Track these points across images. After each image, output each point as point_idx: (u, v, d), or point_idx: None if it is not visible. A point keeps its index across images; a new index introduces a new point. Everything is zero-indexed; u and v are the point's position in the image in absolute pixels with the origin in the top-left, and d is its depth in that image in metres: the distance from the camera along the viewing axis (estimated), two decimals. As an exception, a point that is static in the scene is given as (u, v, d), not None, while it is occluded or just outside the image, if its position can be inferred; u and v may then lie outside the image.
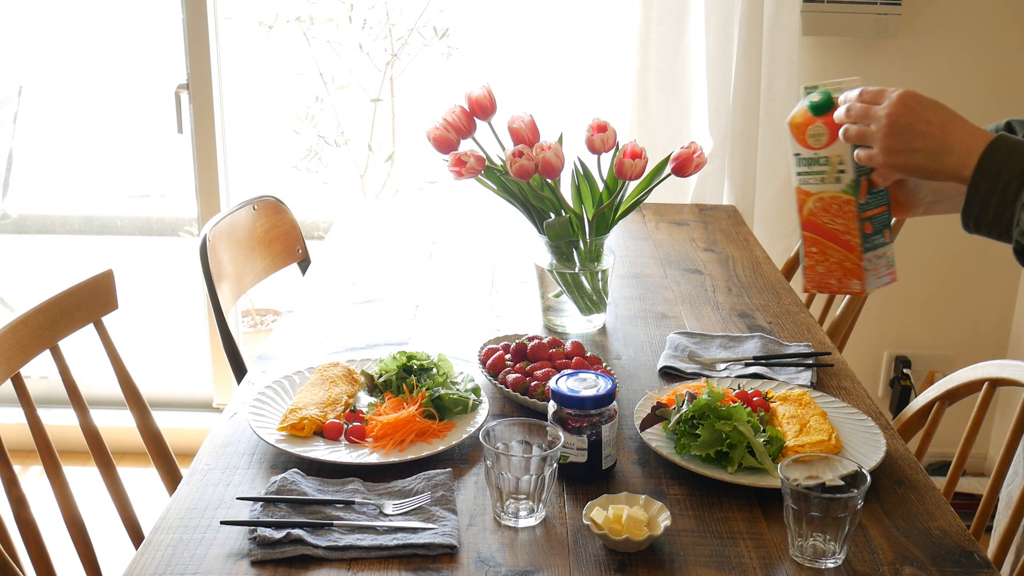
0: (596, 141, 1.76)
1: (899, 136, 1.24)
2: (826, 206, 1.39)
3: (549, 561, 1.22)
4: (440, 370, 1.58)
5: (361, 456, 1.40)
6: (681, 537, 1.27)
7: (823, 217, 1.40)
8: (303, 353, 1.76)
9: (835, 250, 1.40)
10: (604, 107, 2.74)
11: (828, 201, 1.39)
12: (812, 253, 1.43)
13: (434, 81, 3.41)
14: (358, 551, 1.21)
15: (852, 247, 1.39)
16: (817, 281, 1.44)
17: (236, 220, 2.23)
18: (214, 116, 3.02)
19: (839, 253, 1.40)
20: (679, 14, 2.70)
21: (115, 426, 2.62)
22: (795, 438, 1.42)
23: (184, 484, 1.37)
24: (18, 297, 3.71)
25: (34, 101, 3.90)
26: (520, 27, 2.81)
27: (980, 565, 1.22)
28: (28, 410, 1.53)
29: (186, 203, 3.32)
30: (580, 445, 1.35)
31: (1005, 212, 1.18)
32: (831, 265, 1.42)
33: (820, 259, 1.42)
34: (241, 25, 3.36)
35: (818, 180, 1.38)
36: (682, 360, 1.72)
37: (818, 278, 1.44)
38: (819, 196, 1.39)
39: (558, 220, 1.77)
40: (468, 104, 1.79)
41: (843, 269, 1.41)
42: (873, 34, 2.74)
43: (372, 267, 2.18)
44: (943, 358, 3.05)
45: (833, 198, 1.38)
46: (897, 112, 1.24)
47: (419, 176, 3.51)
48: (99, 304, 1.72)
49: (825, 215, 1.40)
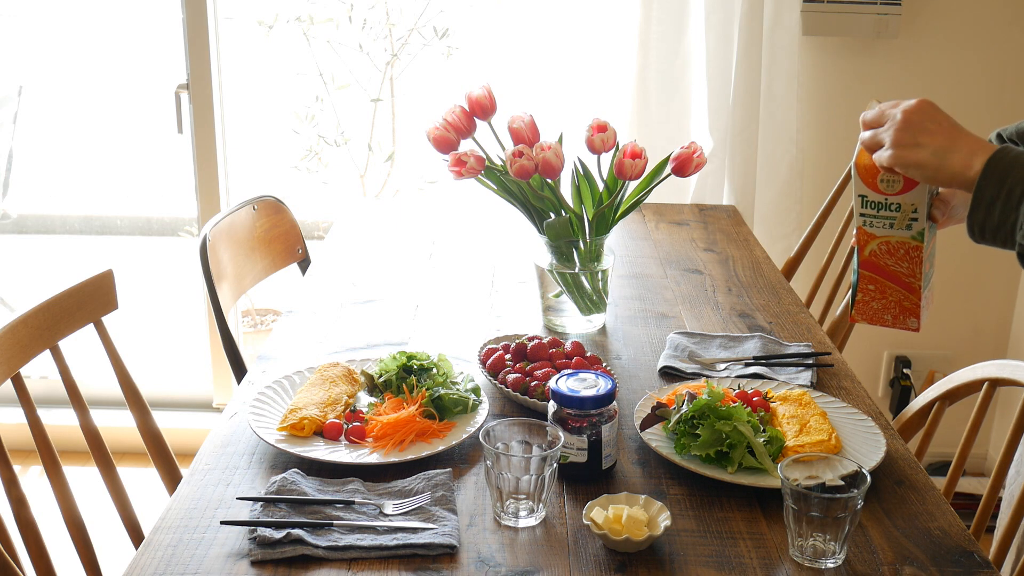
0: (596, 141, 1.76)
1: (908, 131, 1.26)
2: (891, 250, 1.37)
3: (549, 561, 1.22)
4: (440, 370, 1.58)
5: (361, 456, 1.40)
6: (681, 537, 1.27)
7: (887, 259, 1.38)
8: (303, 353, 1.76)
9: (895, 290, 1.39)
10: (604, 107, 2.74)
11: (895, 246, 1.37)
12: (868, 290, 1.41)
13: (434, 81, 3.41)
14: (358, 551, 1.21)
15: (914, 289, 1.38)
16: (870, 315, 1.43)
17: (236, 220, 2.23)
18: (214, 116, 3.02)
19: (899, 293, 1.39)
20: (679, 14, 2.70)
21: (115, 426, 2.62)
22: (795, 438, 1.42)
23: (184, 484, 1.37)
24: (18, 297, 3.71)
25: (34, 101, 3.90)
26: (520, 27, 2.81)
27: (980, 565, 1.22)
28: (28, 410, 1.53)
29: (186, 203, 3.32)
30: (580, 445, 1.35)
31: (1009, 217, 1.19)
32: (888, 303, 1.41)
33: (877, 296, 1.41)
34: (241, 25, 3.36)
35: (886, 225, 1.35)
36: (682, 360, 1.72)
37: (871, 313, 1.42)
38: (885, 239, 1.37)
39: (558, 220, 1.77)
40: (468, 104, 1.79)
41: (901, 308, 1.40)
42: (873, 34, 2.74)
43: (372, 267, 2.18)
44: (943, 358, 3.05)
45: (900, 243, 1.36)
46: (911, 110, 1.27)
47: (419, 176, 3.51)
48: (99, 304, 1.72)
49: (889, 258, 1.38)
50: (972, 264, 2.98)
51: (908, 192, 1.32)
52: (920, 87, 2.83)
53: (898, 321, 1.40)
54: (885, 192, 1.33)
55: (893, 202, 1.33)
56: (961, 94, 2.83)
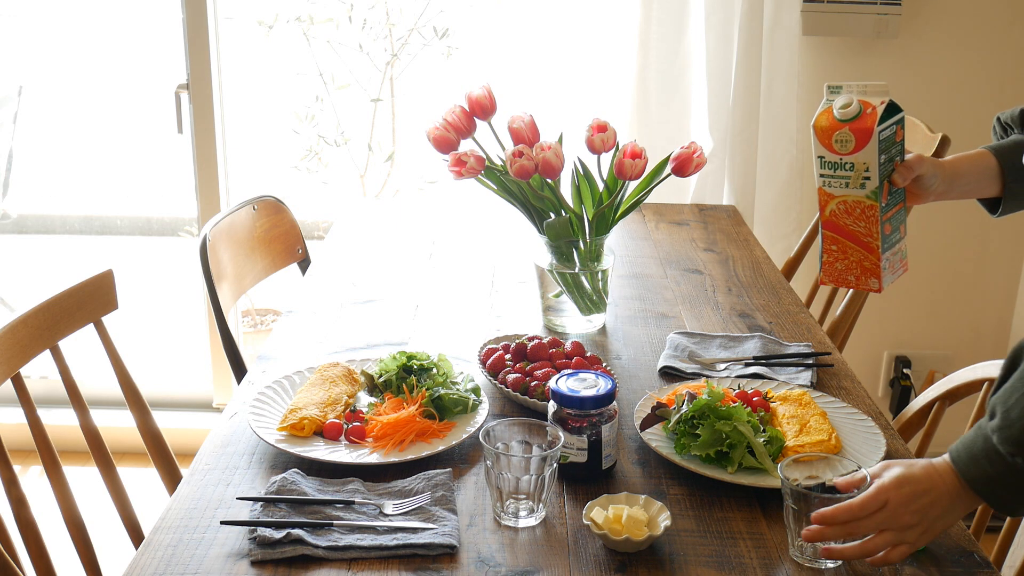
0: (596, 141, 1.76)
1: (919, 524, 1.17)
2: (848, 209, 1.43)
3: (549, 561, 1.22)
4: (440, 370, 1.58)
5: (361, 456, 1.40)
6: (681, 537, 1.27)
7: (845, 219, 1.44)
8: (303, 353, 1.76)
9: (855, 250, 1.45)
10: (604, 107, 2.74)
11: (851, 205, 1.42)
12: (832, 251, 1.47)
13: (434, 81, 3.41)
14: (358, 551, 1.21)
15: (872, 248, 1.43)
16: (835, 277, 1.48)
17: (236, 220, 2.23)
18: (214, 116, 3.02)
19: (859, 253, 1.45)
20: (679, 14, 2.70)
21: (115, 426, 2.62)
22: (795, 438, 1.42)
23: (184, 484, 1.37)
24: (18, 297, 3.71)
25: (34, 101, 3.89)
26: (520, 27, 2.81)
27: (980, 565, 1.22)
28: (28, 410, 1.53)
29: (186, 203, 3.32)
30: (580, 445, 1.35)
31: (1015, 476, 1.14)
32: (850, 263, 1.46)
33: (840, 257, 1.47)
34: (241, 25, 3.36)
35: (842, 184, 1.41)
36: (682, 360, 1.72)
37: (836, 274, 1.48)
38: (842, 199, 1.43)
39: (558, 220, 1.77)
40: (468, 104, 1.79)
41: (862, 268, 1.45)
42: (873, 34, 2.74)
43: (372, 267, 2.18)
44: (943, 358, 3.05)
45: (856, 202, 1.42)
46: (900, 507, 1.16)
47: (419, 176, 3.51)
48: (99, 304, 1.72)
49: (847, 217, 1.44)
50: (972, 264, 2.98)
51: (859, 151, 1.37)
52: (920, 87, 2.83)
53: (861, 282, 1.45)
54: (839, 152, 1.39)
55: (847, 161, 1.39)
56: (961, 94, 2.83)
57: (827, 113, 1.40)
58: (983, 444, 1.14)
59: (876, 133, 1.36)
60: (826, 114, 1.40)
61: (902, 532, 1.16)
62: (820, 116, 1.40)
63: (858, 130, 1.37)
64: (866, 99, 1.38)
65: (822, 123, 1.40)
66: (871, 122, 1.36)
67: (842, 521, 1.16)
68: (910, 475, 1.16)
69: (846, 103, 1.38)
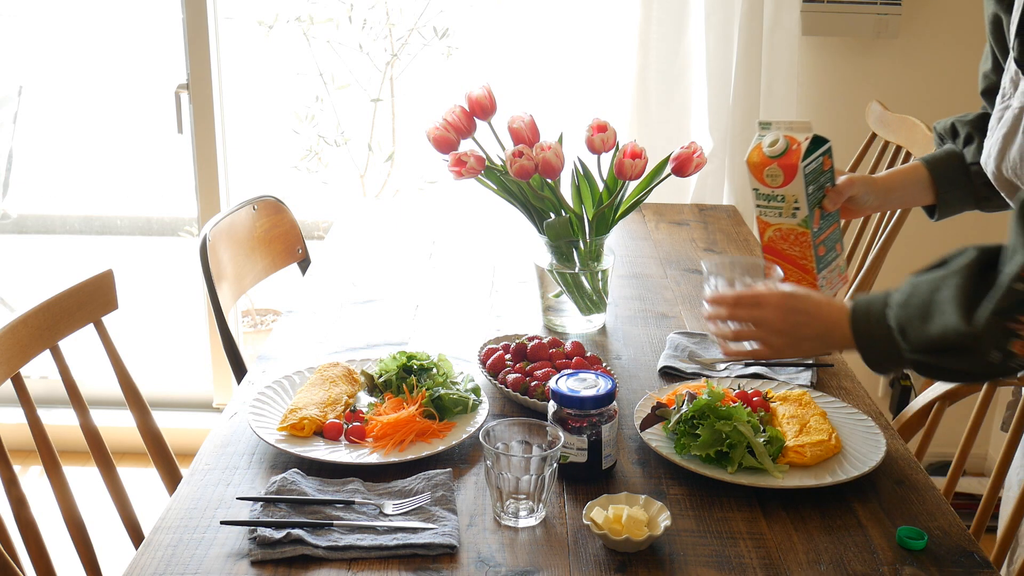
0: (596, 141, 1.76)
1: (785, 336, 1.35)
2: (784, 236, 1.54)
3: (549, 561, 1.22)
4: (440, 370, 1.58)
5: (361, 456, 1.40)
6: (681, 537, 1.27)
7: (782, 245, 1.55)
8: (303, 353, 1.76)
9: (794, 271, 1.55)
10: (604, 107, 2.74)
11: (786, 232, 1.53)
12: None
13: (434, 81, 3.41)
14: (358, 551, 1.21)
15: (808, 270, 1.55)
16: None
17: (236, 220, 2.23)
18: (214, 116, 3.02)
19: (798, 274, 1.55)
20: (679, 14, 2.70)
21: (115, 426, 2.62)
22: (795, 438, 1.42)
23: (184, 484, 1.37)
24: (18, 297, 3.71)
25: (34, 101, 3.89)
26: (520, 27, 2.81)
27: (980, 565, 1.22)
28: (28, 410, 1.53)
29: (186, 203, 3.32)
30: (580, 445, 1.35)
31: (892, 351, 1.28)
32: (791, 283, 1.55)
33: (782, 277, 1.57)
34: (241, 25, 3.36)
35: (776, 214, 1.51)
36: (682, 360, 1.72)
37: None
38: (777, 227, 1.54)
39: (558, 220, 1.77)
40: (468, 104, 1.79)
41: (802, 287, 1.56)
42: (873, 34, 2.74)
43: (372, 267, 2.18)
44: (943, 358, 3.04)
45: (790, 230, 1.53)
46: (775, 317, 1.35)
47: (419, 176, 3.51)
48: (99, 304, 1.72)
49: (783, 243, 1.55)
50: (972, 264, 2.97)
51: (788, 184, 1.48)
52: (920, 87, 2.83)
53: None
54: (770, 185, 1.49)
55: (778, 193, 1.49)
56: (960, 94, 2.82)
57: (758, 149, 1.50)
58: (880, 309, 1.28)
59: (801, 168, 1.46)
60: (757, 150, 1.50)
61: (769, 334, 1.35)
62: (752, 152, 1.50)
63: (785, 165, 1.47)
64: (792, 135, 1.48)
65: (754, 159, 1.50)
66: (796, 158, 1.46)
67: (720, 303, 1.39)
68: (796, 296, 1.35)
69: (773, 140, 1.48)
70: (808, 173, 1.48)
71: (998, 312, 1.18)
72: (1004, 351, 1.19)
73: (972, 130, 1.64)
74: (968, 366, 1.23)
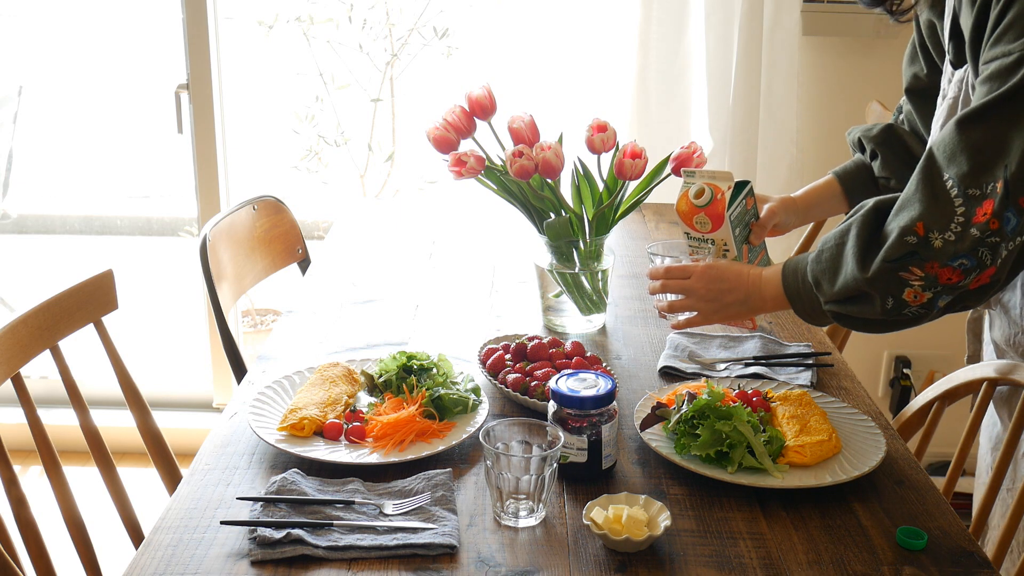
0: (596, 141, 1.76)
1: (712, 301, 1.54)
2: None
3: (549, 561, 1.22)
4: (440, 370, 1.58)
5: (361, 456, 1.40)
6: (681, 537, 1.27)
7: None
8: (303, 353, 1.76)
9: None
10: (604, 107, 2.74)
11: None
12: None
13: (434, 81, 3.41)
14: (358, 551, 1.21)
15: None
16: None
17: (236, 220, 2.23)
18: (214, 116, 3.02)
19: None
20: (679, 14, 2.70)
21: (115, 426, 2.62)
22: (795, 438, 1.42)
23: (184, 484, 1.37)
24: (18, 297, 3.71)
25: (34, 101, 3.89)
26: (520, 27, 2.81)
27: (980, 565, 1.23)
28: (28, 410, 1.53)
29: (186, 203, 3.32)
30: (580, 445, 1.36)
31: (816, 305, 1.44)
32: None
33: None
34: (241, 25, 3.36)
35: (707, 253, 1.62)
36: (682, 360, 1.72)
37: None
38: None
39: (558, 220, 1.77)
40: (468, 104, 1.79)
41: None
42: (873, 34, 2.74)
43: (372, 267, 2.18)
44: (943, 358, 3.05)
45: None
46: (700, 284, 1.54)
47: (419, 176, 3.51)
48: (99, 304, 1.72)
49: None
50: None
51: (716, 231, 1.59)
52: (920, 87, 2.82)
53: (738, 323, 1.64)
54: (701, 231, 1.61)
55: (708, 238, 1.61)
56: (961, 94, 2.82)
57: (685, 198, 1.61)
58: (803, 267, 1.44)
59: (727, 216, 1.57)
60: (684, 199, 1.61)
61: (697, 301, 1.55)
62: (680, 200, 1.61)
63: (712, 215, 1.58)
64: (715, 184, 1.58)
65: (683, 207, 1.61)
66: (721, 207, 1.57)
67: (655, 276, 1.59)
68: (718, 267, 1.53)
69: (699, 191, 1.58)
70: (734, 219, 1.59)
71: (887, 260, 1.31)
72: (896, 299, 1.32)
73: (876, 146, 1.76)
74: (869, 312, 1.37)
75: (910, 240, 1.29)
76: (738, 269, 1.53)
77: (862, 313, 1.37)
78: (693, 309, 1.56)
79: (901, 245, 1.29)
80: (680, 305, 1.57)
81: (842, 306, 1.39)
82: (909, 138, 1.77)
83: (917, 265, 1.29)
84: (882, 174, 1.76)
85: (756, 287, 1.50)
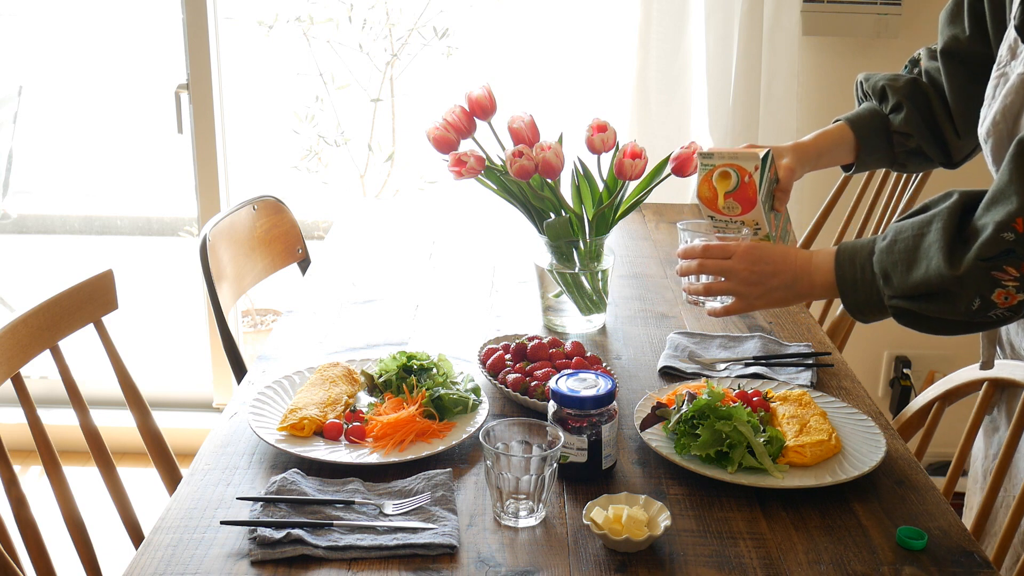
0: (596, 141, 1.76)
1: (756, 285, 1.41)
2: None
3: (549, 561, 1.22)
4: (440, 370, 1.58)
5: (361, 456, 1.40)
6: (681, 537, 1.27)
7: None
8: (303, 353, 1.76)
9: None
10: (604, 107, 2.74)
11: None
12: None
13: (434, 81, 3.41)
14: (358, 551, 1.21)
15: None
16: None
17: (236, 220, 2.23)
18: (214, 116, 3.02)
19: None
20: (679, 14, 2.70)
21: (115, 426, 2.62)
22: (795, 438, 1.42)
23: (184, 484, 1.37)
24: (18, 297, 3.71)
25: (34, 101, 3.90)
26: (520, 27, 2.81)
27: (980, 565, 1.23)
28: (28, 410, 1.53)
29: (186, 203, 3.33)
30: (580, 445, 1.35)
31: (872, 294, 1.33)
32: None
33: None
34: (241, 25, 3.36)
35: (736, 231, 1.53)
36: (682, 360, 1.72)
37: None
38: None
39: (558, 220, 1.77)
40: (468, 104, 1.79)
41: None
42: (873, 34, 2.74)
43: (372, 267, 2.18)
44: (943, 358, 3.05)
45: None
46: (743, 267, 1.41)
47: (419, 176, 3.51)
48: (99, 304, 1.72)
49: None
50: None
51: (748, 213, 1.50)
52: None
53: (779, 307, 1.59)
54: (728, 214, 1.51)
55: (737, 220, 1.52)
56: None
57: (707, 182, 1.51)
58: (866, 256, 1.32)
59: (759, 200, 1.49)
60: (707, 183, 1.51)
61: (739, 285, 1.41)
62: (702, 186, 1.51)
63: (742, 199, 1.49)
64: (739, 164, 1.48)
65: (705, 192, 1.51)
66: (752, 191, 1.48)
67: (690, 255, 1.45)
68: (762, 247, 1.41)
69: (723, 175, 1.49)
70: (763, 197, 1.51)
71: (982, 258, 1.20)
72: (985, 299, 1.21)
73: (902, 98, 1.63)
74: (948, 312, 1.25)
75: (1007, 236, 1.18)
76: (783, 250, 1.41)
77: (940, 312, 1.25)
78: (733, 293, 1.43)
79: (997, 242, 1.18)
80: (719, 288, 1.44)
81: (914, 303, 1.26)
82: (933, 98, 1.64)
83: (1013, 264, 1.19)
84: (903, 129, 1.64)
85: (805, 271, 1.38)
